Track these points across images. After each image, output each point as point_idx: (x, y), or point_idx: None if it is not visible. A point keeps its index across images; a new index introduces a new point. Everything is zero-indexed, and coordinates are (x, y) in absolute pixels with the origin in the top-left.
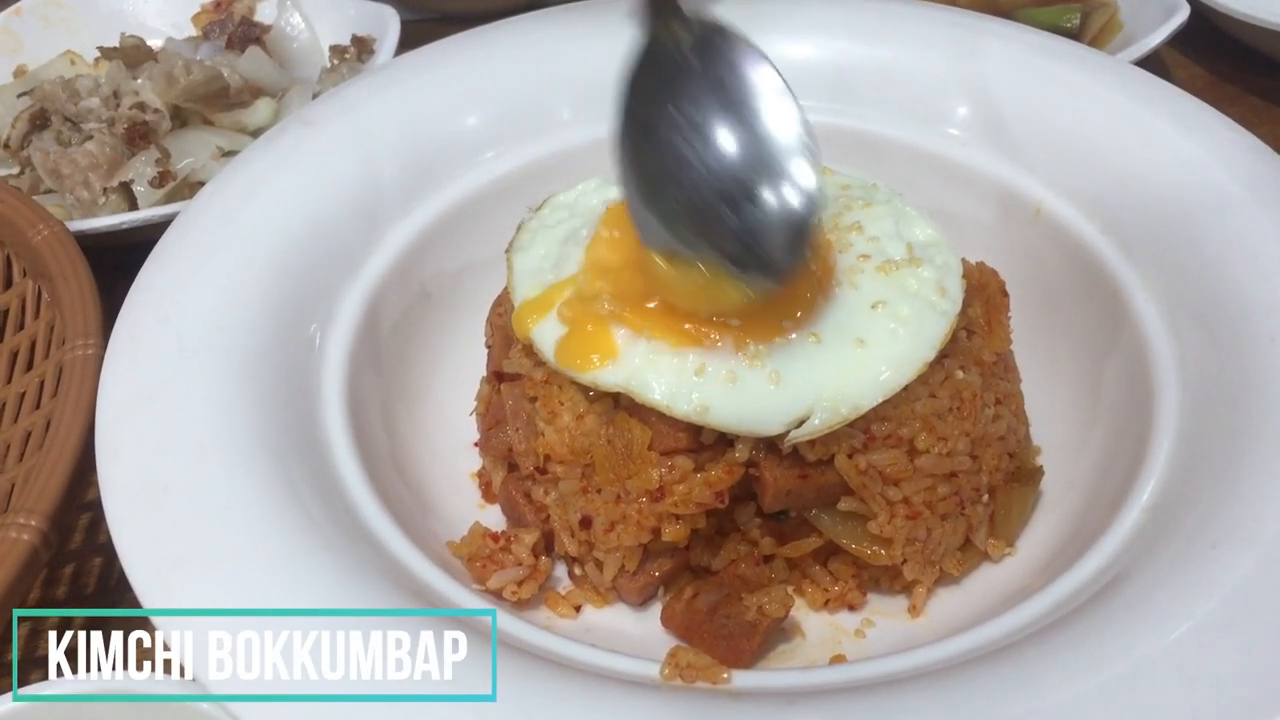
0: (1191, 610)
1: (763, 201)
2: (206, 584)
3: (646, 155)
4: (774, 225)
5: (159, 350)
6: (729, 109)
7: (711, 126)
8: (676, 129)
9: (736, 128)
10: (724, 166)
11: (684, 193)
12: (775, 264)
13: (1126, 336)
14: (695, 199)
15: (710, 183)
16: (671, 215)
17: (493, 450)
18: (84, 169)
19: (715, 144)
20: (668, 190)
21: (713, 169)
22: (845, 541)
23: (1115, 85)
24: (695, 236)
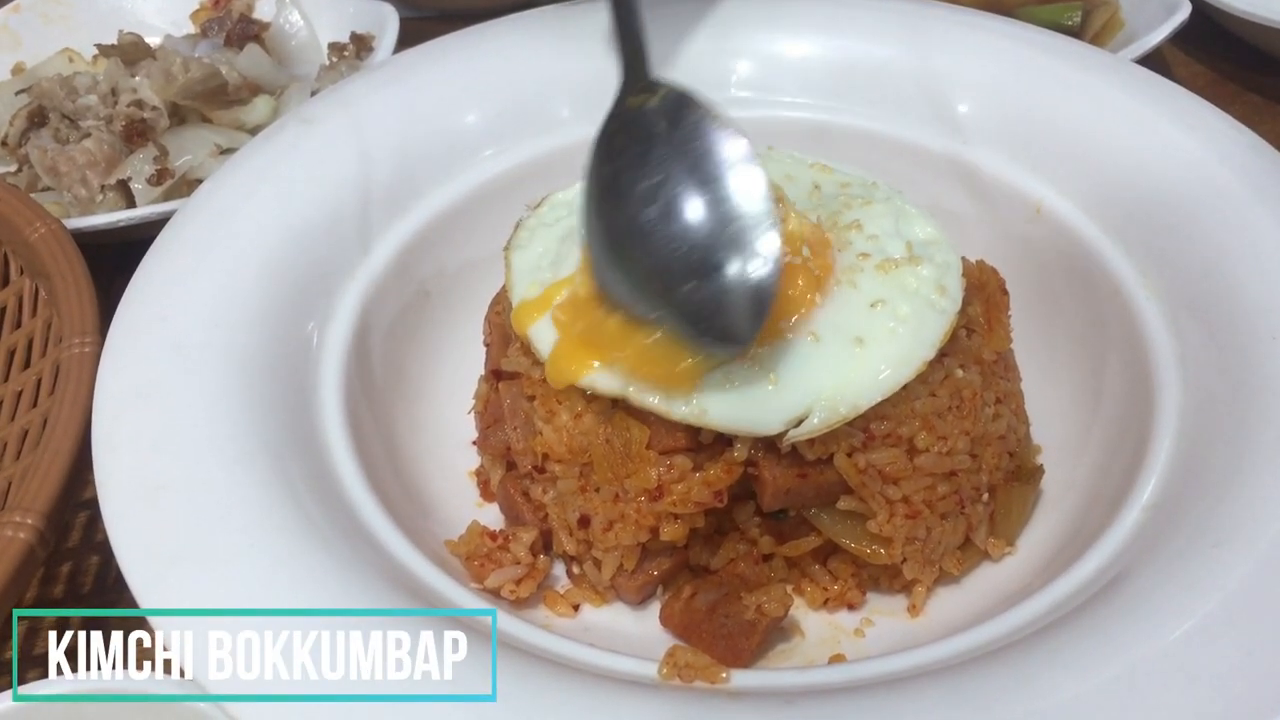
0: (1192, 610)
1: (723, 272)
2: (203, 583)
3: (612, 218)
4: (732, 296)
5: (156, 348)
6: (695, 177)
7: (677, 194)
8: (643, 194)
9: (701, 196)
10: (687, 235)
11: (647, 258)
12: (733, 334)
13: (1127, 335)
14: (658, 265)
15: (673, 250)
16: (634, 279)
17: (491, 449)
18: (82, 166)
19: (680, 211)
20: (632, 254)
21: (676, 236)
22: (844, 541)
23: (1116, 83)
24: (655, 302)
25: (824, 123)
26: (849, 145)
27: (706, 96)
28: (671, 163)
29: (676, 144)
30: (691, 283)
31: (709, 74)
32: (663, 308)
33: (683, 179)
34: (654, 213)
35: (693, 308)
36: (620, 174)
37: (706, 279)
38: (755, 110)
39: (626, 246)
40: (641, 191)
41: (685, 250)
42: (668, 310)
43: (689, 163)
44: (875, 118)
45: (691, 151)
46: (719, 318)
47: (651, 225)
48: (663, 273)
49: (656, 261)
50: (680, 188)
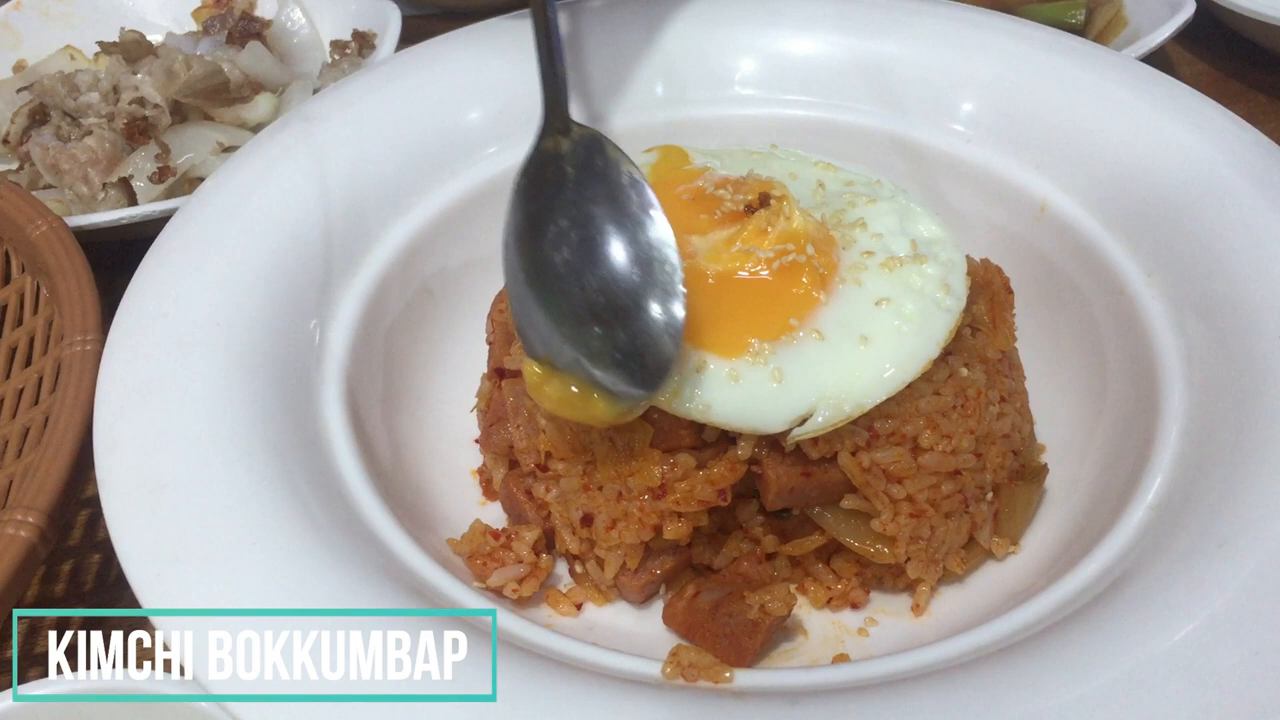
0: (1197, 610)
1: (630, 318)
2: (205, 582)
3: (525, 260)
4: (639, 342)
5: (158, 346)
6: (602, 223)
7: (584, 239)
8: (552, 238)
9: (609, 242)
10: (594, 280)
11: (556, 301)
12: (640, 379)
13: (1131, 333)
14: (566, 308)
15: (580, 294)
16: (546, 322)
17: (493, 447)
18: (83, 164)
19: (587, 257)
20: (543, 297)
21: (583, 281)
22: (848, 540)
23: (1120, 81)
24: (565, 345)
25: (828, 120)
26: (853, 143)
27: (615, 144)
28: (579, 208)
29: (585, 189)
30: (597, 327)
31: (713, 71)
32: (572, 350)
33: (590, 225)
34: (562, 257)
35: (599, 352)
36: (532, 217)
37: (612, 324)
38: (759, 108)
39: (538, 289)
40: (551, 235)
41: (591, 295)
42: (577, 353)
43: (596, 209)
44: (879, 116)
45: (599, 198)
46: (626, 363)
47: (560, 269)
48: (570, 316)
49: (565, 305)
50: (587, 234)
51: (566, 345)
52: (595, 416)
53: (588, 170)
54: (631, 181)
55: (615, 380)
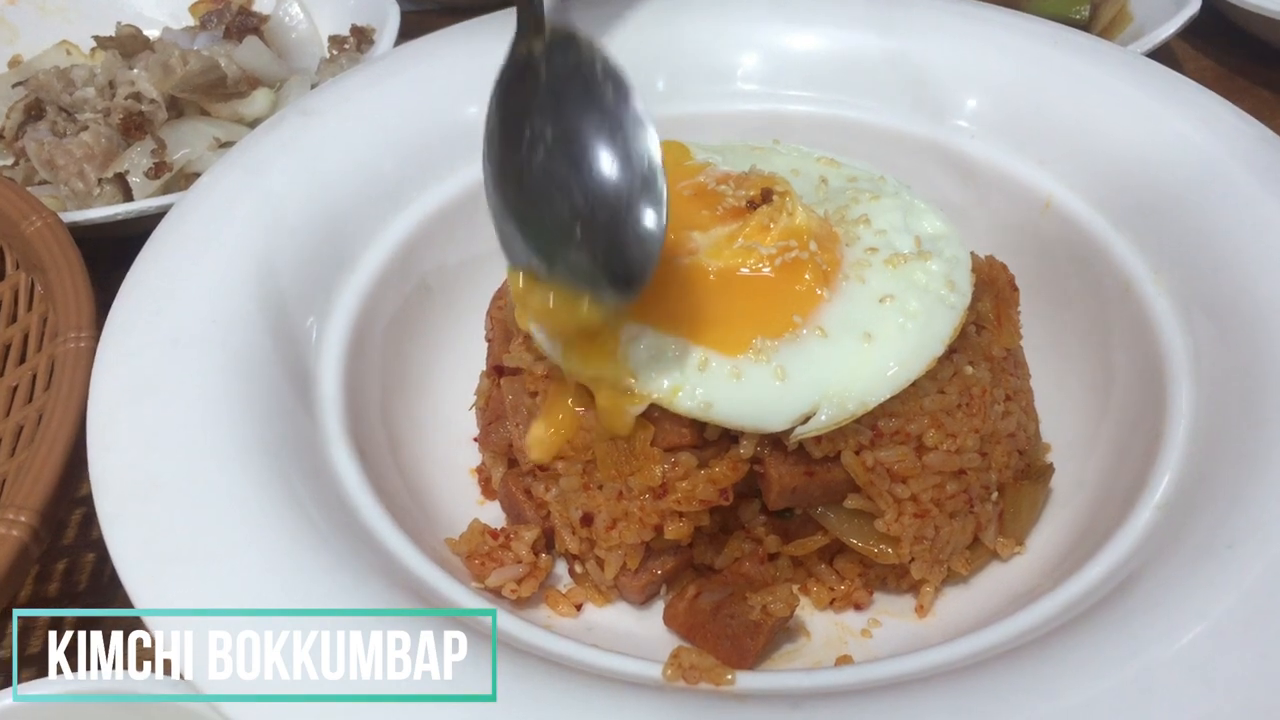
0: (1206, 612)
1: (609, 217)
2: (200, 582)
3: (502, 167)
4: (619, 241)
5: (153, 343)
6: (578, 123)
7: (560, 140)
8: (529, 142)
9: (585, 142)
10: (572, 181)
11: (535, 205)
12: (623, 280)
13: (1137, 331)
14: (545, 212)
15: (559, 196)
16: (526, 228)
17: (492, 446)
18: (79, 160)
19: (564, 158)
20: (522, 202)
21: (561, 183)
22: (852, 540)
23: (1126, 76)
24: (547, 250)
25: (831, 116)
26: (856, 139)
27: (590, 39)
28: (553, 110)
29: (559, 90)
30: (577, 229)
31: (715, 66)
32: (555, 255)
33: (566, 126)
34: (538, 161)
35: (579, 254)
36: (507, 123)
37: (591, 224)
38: (762, 104)
39: (516, 195)
40: (527, 140)
41: (569, 197)
42: (559, 257)
43: (571, 109)
44: (882, 111)
45: (574, 97)
46: (608, 262)
47: (537, 174)
48: (549, 220)
49: (544, 209)
50: (562, 135)
51: (546, 250)
52: (578, 321)
53: (561, 69)
54: (609, 77)
55: (595, 283)
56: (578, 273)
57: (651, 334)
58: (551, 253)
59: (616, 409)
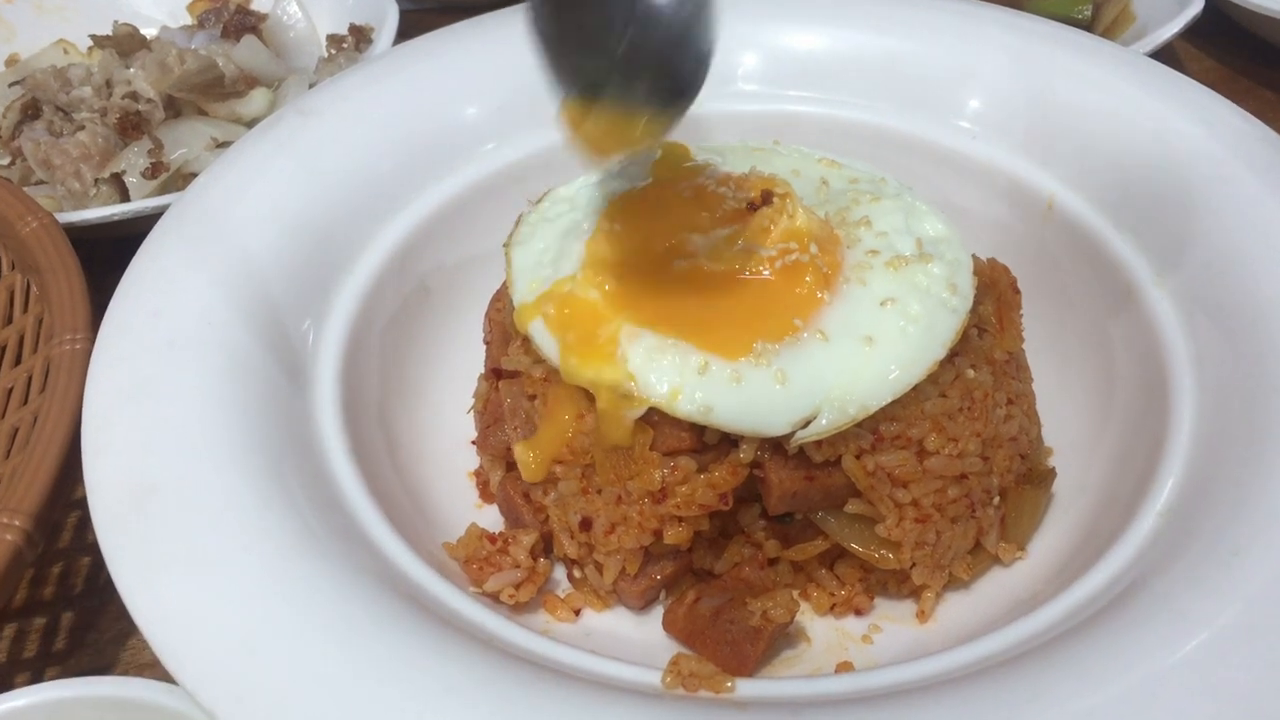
0: (1210, 620)
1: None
2: (195, 589)
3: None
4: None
5: (149, 345)
6: None
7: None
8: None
9: None
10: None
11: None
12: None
13: (1140, 334)
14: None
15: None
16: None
17: (491, 449)
18: (75, 159)
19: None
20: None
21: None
22: (853, 545)
23: (1129, 77)
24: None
25: (832, 117)
26: (857, 140)
27: None
28: None
29: None
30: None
31: (715, 66)
32: (606, 75)
33: None
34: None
35: (634, 70)
36: None
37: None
38: (762, 104)
39: (564, 18)
40: None
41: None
42: (611, 77)
43: None
44: (884, 112)
45: None
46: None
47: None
48: (600, 39)
49: (593, 29)
50: None
51: (597, 71)
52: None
53: None
54: None
55: (652, 91)
56: (631, 90)
57: (651, 336)
58: (602, 73)
59: (615, 412)
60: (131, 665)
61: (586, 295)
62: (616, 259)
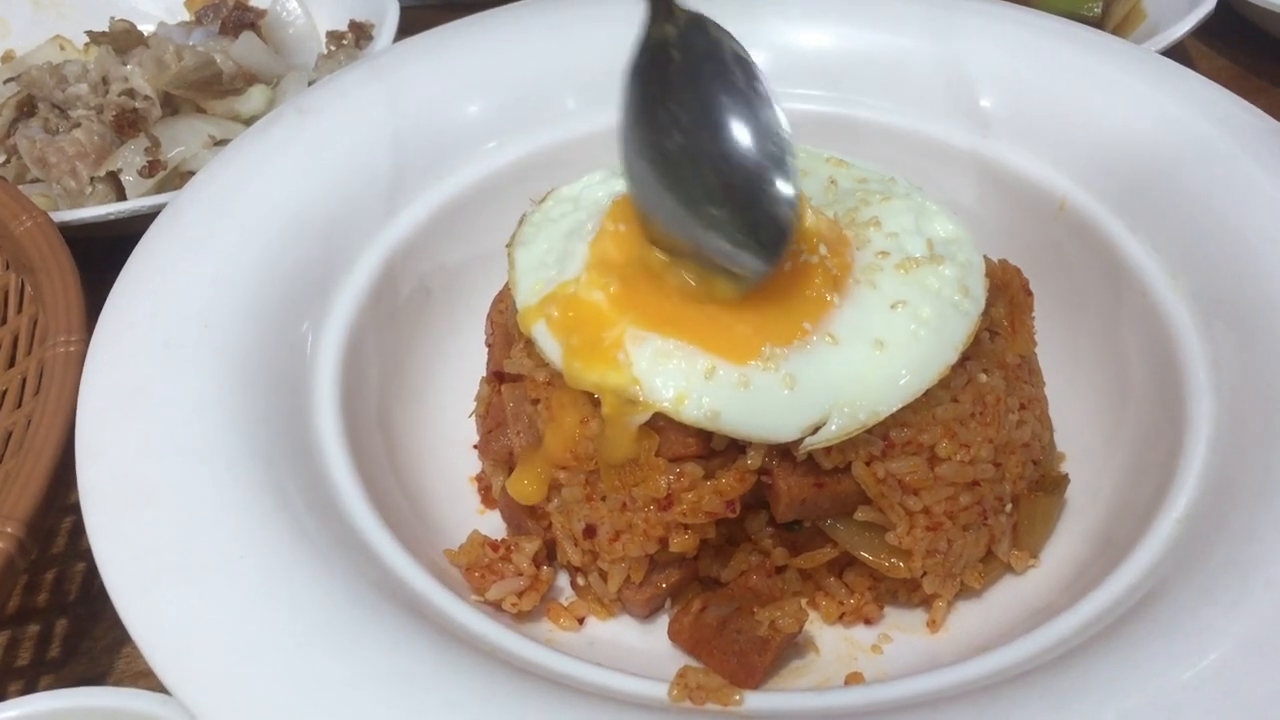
0: (1230, 630)
1: (747, 194)
2: (190, 597)
3: (648, 151)
4: (758, 213)
5: (144, 348)
6: (713, 103)
7: (706, 120)
8: (664, 123)
9: (729, 121)
10: (710, 162)
11: (673, 184)
12: (762, 252)
13: (1155, 338)
14: (683, 189)
15: (696, 174)
16: (665, 206)
17: (493, 454)
18: (71, 158)
19: (710, 137)
20: (668, 182)
21: (700, 165)
22: (862, 553)
23: (1142, 75)
24: (686, 227)
25: (840, 116)
26: (866, 139)
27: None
28: (688, 92)
29: (693, 72)
30: (714, 208)
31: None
32: (698, 230)
33: (700, 107)
34: (675, 142)
35: (719, 231)
36: (642, 106)
37: (729, 202)
38: None
39: (654, 177)
40: (662, 122)
41: (706, 176)
42: (703, 231)
43: (705, 91)
44: (893, 110)
45: (707, 79)
46: (746, 238)
47: (679, 151)
48: (694, 194)
49: (681, 190)
50: (697, 116)
51: (690, 226)
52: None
53: (693, 53)
54: (737, 60)
55: (736, 256)
56: (722, 245)
57: (657, 340)
58: (695, 228)
59: (620, 417)
60: (126, 674)
61: (591, 297)
62: (621, 260)
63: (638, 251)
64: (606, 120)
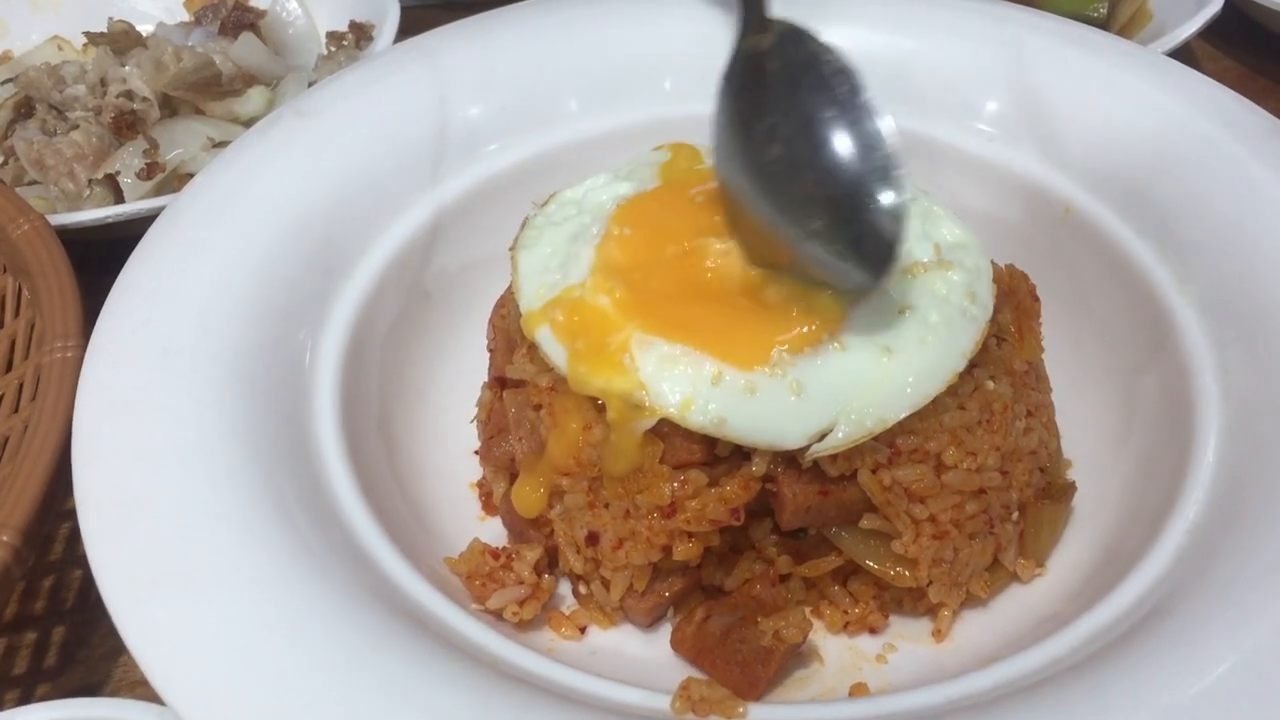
0: (1240, 643)
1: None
2: (188, 607)
3: (746, 164)
4: (865, 225)
5: (142, 353)
6: (812, 113)
7: (797, 131)
8: (763, 134)
9: (830, 132)
10: (811, 175)
11: (775, 196)
12: (868, 265)
13: (1162, 344)
14: (785, 202)
15: (797, 186)
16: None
17: (494, 460)
18: (69, 159)
19: (811, 148)
20: (761, 194)
21: (800, 173)
22: (867, 562)
23: (1150, 77)
24: (792, 241)
25: None
26: None
27: (814, 35)
28: (786, 103)
29: (790, 83)
30: (817, 221)
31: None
32: (794, 243)
33: (799, 119)
34: (774, 155)
35: (822, 245)
36: (739, 119)
37: (832, 216)
38: None
39: (753, 192)
40: (760, 134)
41: (807, 189)
42: (800, 245)
43: (803, 102)
44: (899, 113)
45: (805, 90)
46: (850, 252)
47: (779, 163)
48: (796, 208)
49: (789, 198)
50: (797, 128)
51: (786, 241)
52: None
53: (790, 64)
54: (836, 70)
55: (840, 270)
56: (825, 257)
57: (662, 345)
58: (796, 240)
59: (625, 423)
60: (124, 682)
61: (596, 301)
62: (626, 264)
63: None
64: (610, 122)
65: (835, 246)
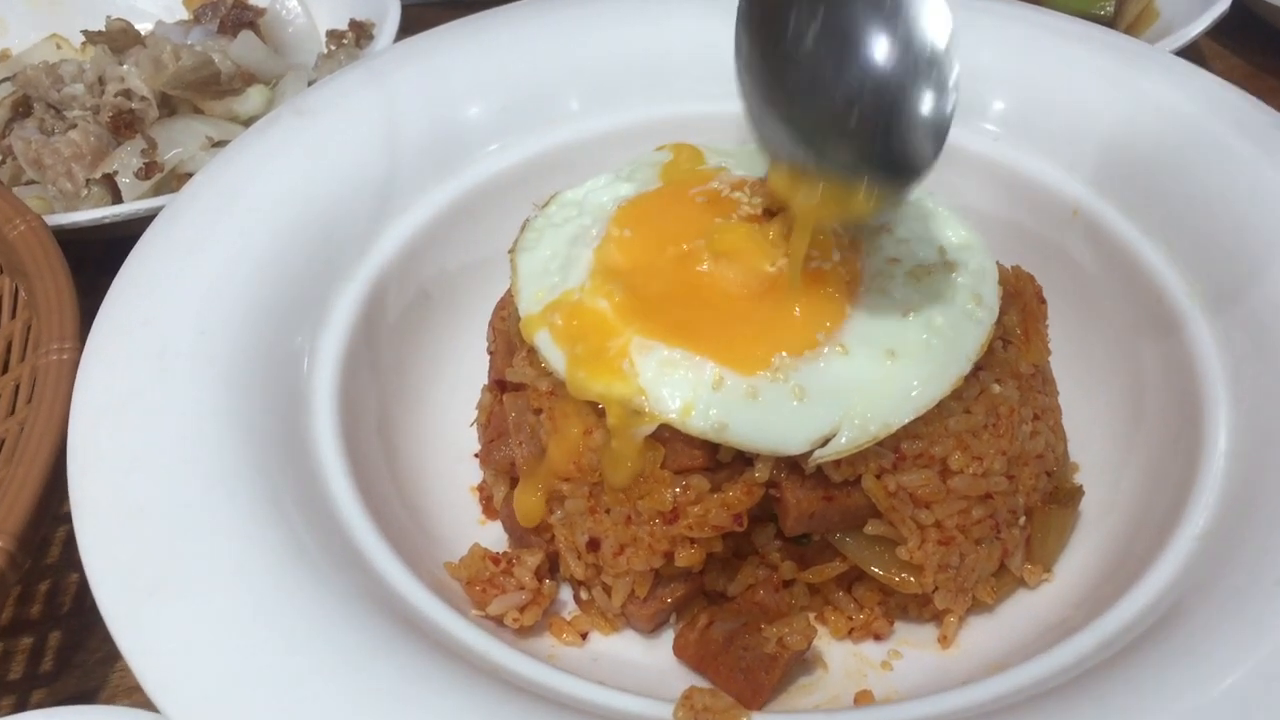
0: (1250, 653)
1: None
2: (184, 614)
3: (768, 61)
4: (901, 124)
5: (139, 356)
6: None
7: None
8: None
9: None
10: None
11: (807, 96)
12: (905, 164)
13: (1171, 347)
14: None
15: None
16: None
17: (494, 464)
18: (67, 159)
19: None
20: (790, 94)
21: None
22: (872, 568)
23: (1158, 77)
24: (819, 140)
25: None
26: None
27: None
28: None
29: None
30: (852, 114)
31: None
32: (826, 145)
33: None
34: (806, 47)
35: (856, 140)
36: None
37: (868, 109)
38: None
39: (780, 85)
40: (791, 27)
41: (843, 82)
42: (831, 146)
43: None
44: None
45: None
46: (887, 148)
47: (804, 60)
48: (820, 107)
49: (813, 97)
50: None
51: (816, 140)
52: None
53: None
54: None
55: (872, 169)
56: (852, 161)
57: (663, 349)
58: (822, 142)
59: (625, 428)
60: (120, 688)
61: (595, 305)
62: (627, 267)
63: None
64: (611, 122)
65: (869, 145)
